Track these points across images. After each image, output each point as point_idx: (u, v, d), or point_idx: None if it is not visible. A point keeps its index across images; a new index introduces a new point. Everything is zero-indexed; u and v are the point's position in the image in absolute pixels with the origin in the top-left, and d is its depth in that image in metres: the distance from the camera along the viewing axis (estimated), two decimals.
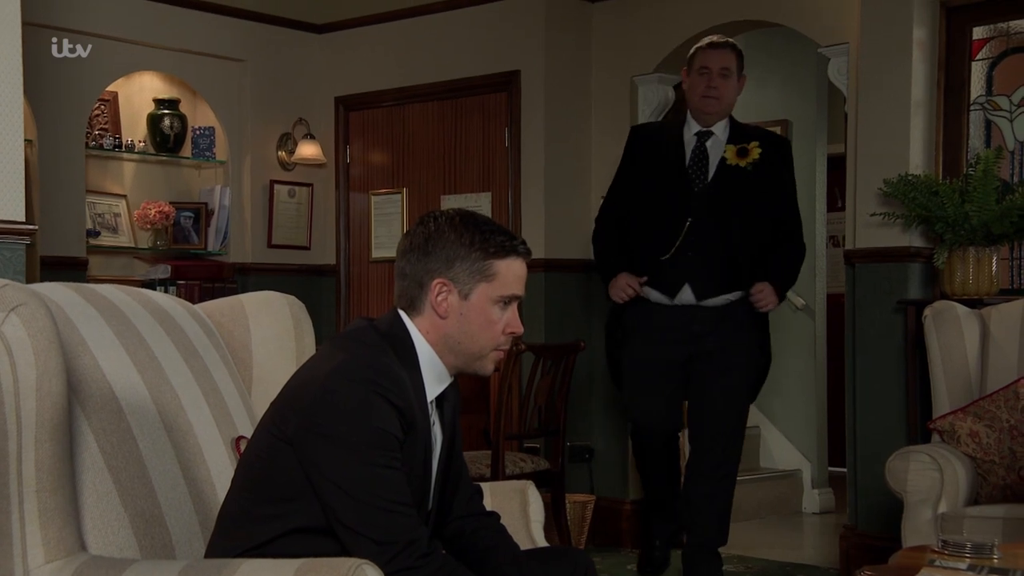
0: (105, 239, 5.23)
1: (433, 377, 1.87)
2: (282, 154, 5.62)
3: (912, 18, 4.12)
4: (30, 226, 2.73)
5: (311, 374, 1.80)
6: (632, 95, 5.00)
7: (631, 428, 4.11)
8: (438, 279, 1.83)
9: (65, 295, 1.95)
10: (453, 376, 1.91)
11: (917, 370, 4.00)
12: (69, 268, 4.77)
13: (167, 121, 5.41)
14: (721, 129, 3.88)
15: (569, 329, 4.92)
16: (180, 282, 5.27)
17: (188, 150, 5.52)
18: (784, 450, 5.91)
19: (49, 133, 4.79)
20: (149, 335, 2.02)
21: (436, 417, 1.91)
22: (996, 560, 2.28)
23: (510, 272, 1.84)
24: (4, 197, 2.65)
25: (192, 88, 5.48)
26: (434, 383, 1.87)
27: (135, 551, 1.81)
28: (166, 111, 5.41)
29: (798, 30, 4.68)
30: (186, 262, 5.41)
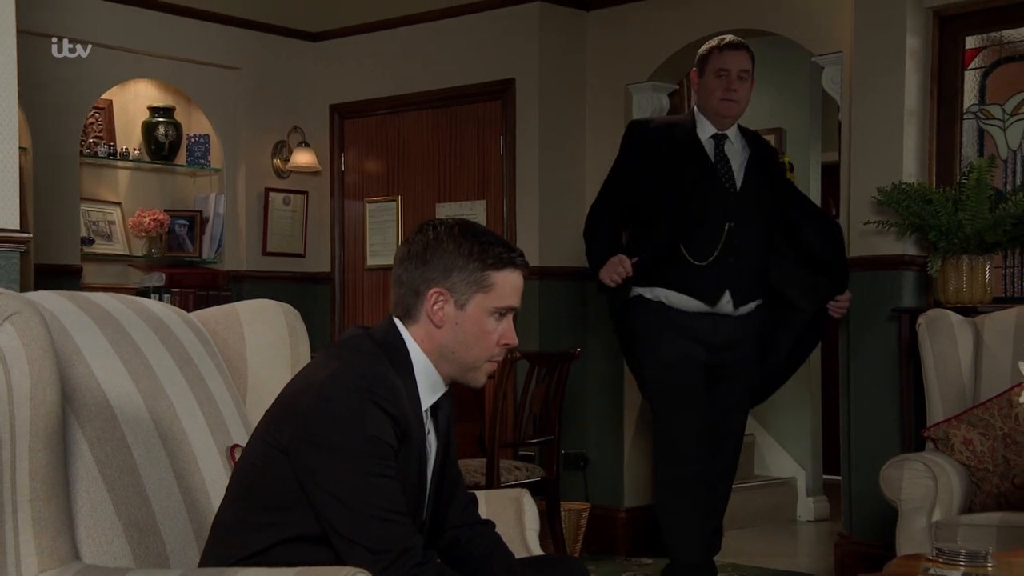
0: (99, 247, 5.23)
1: (428, 386, 1.87)
2: (277, 162, 5.62)
3: (905, 27, 4.13)
4: (24, 234, 2.73)
5: (306, 382, 1.80)
6: (626, 103, 5.01)
7: (665, 462, 3.67)
8: (435, 288, 1.83)
9: (59, 303, 1.95)
10: (448, 385, 1.91)
11: (911, 378, 4.00)
12: (63, 276, 4.76)
13: (162, 129, 5.41)
14: (734, 133, 3.75)
15: (564, 337, 4.92)
16: (175, 290, 5.26)
17: (183, 158, 5.52)
18: (779, 458, 5.92)
19: (44, 141, 4.79)
20: (144, 343, 2.02)
21: (431, 426, 1.91)
22: (990, 568, 2.28)
23: (507, 284, 1.84)
24: None
25: (187, 96, 5.48)
26: (429, 392, 1.87)
27: (129, 560, 1.81)
28: (161, 119, 5.41)
29: (792, 39, 4.70)
30: (181, 270, 5.41)
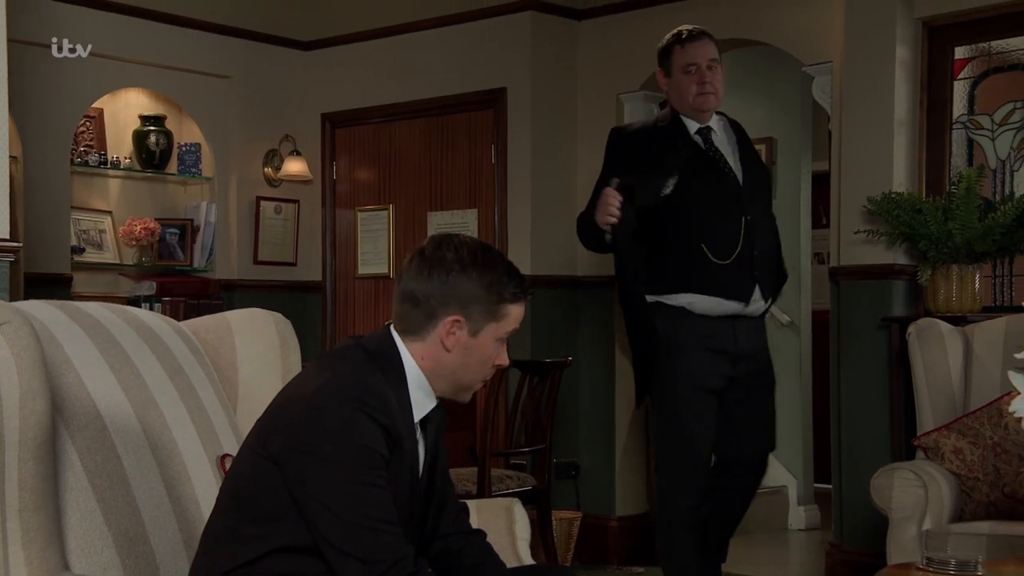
0: (90, 255, 5.22)
1: (421, 397, 1.87)
2: (268, 170, 5.62)
3: (895, 37, 4.15)
4: (14, 243, 2.73)
5: (296, 393, 1.80)
6: (618, 112, 5.02)
7: (673, 492, 3.44)
8: (453, 316, 1.84)
9: (49, 313, 1.94)
10: (439, 398, 1.92)
11: (901, 387, 4.01)
12: (54, 285, 4.75)
13: (153, 137, 5.41)
14: (716, 122, 3.58)
15: (555, 346, 4.92)
16: (165, 299, 5.25)
17: (174, 166, 5.51)
18: (770, 466, 5.91)
19: (34, 150, 4.77)
20: (134, 353, 2.02)
21: (420, 435, 1.91)
22: None
23: (516, 313, 1.90)
24: None
25: (178, 104, 5.47)
26: (421, 403, 1.88)
27: (119, 570, 1.80)
28: (152, 127, 5.41)
29: (782, 49, 4.71)
30: (171, 279, 5.40)
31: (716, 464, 3.54)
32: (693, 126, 3.52)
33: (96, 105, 5.23)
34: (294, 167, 5.60)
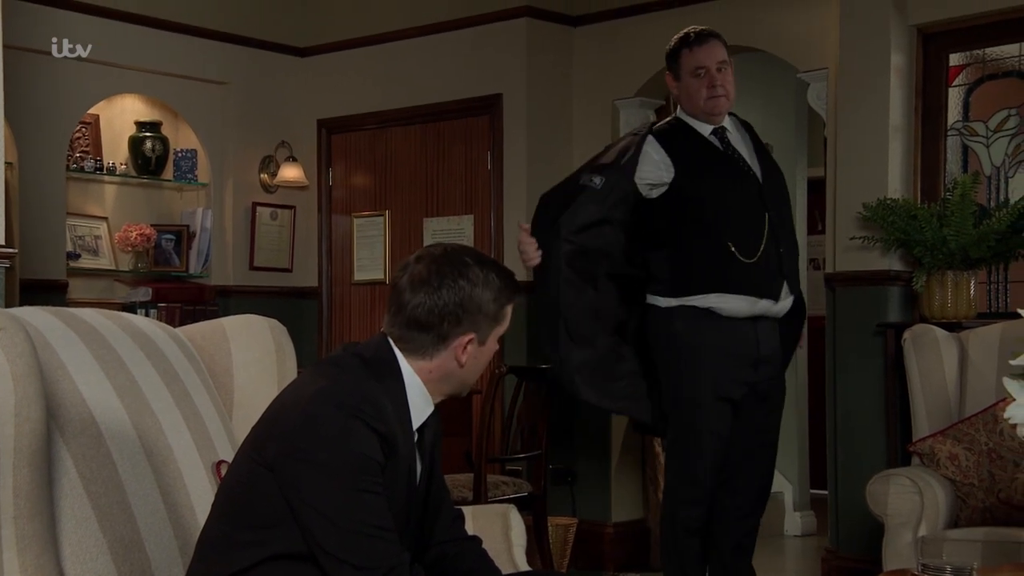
0: (86, 261, 5.21)
1: (418, 404, 1.87)
2: (264, 176, 5.62)
3: (890, 44, 4.16)
4: (10, 249, 2.73)
5: (292, 400, 1.80)
6: (614, 118, 5.03)
7: (678, 501, 3.38)
8: (467, 336, 1.85)
9: (45, 319, 1.94)
10: (436, 403, 1.92)
11: (897, 393, 4.02)
12: (49, 291, 4.74)
13: (149, 144, 5.41)
14: (728, 122, 3.48)
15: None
16: (161, 305, 5.25)
17: (170, 173, 5.51)
18: None
19: (30, 156, 4.77)
20: (129, 359, 2.01)
21: (416, 443, 1.91)
22: None
23: (511, 309, 1.91)
24: None
25: (174, 111, 5.47)
26: (419, 410, 1.88)
27: None
28: (148, 134, 5.41)
29: (778, 55, 4.72)
30: (167, 285, 5.39)
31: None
32: (706, 128, 3.45)
33: (92, 111, 5.23)
34: (290, 173, 5.60)
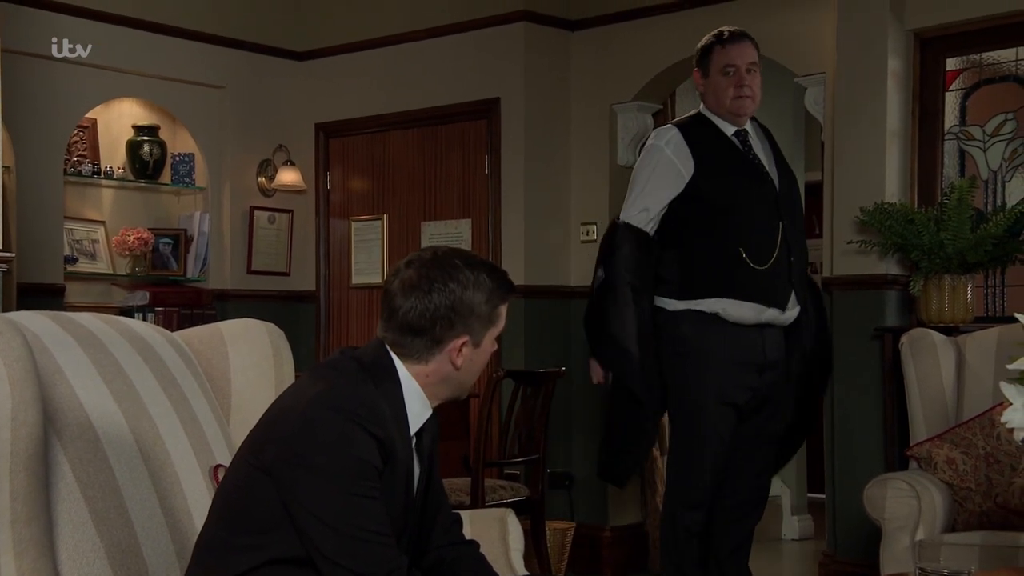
0: (83, 265, 5.21)
1: (416, 409, 1.87)
2: (262, 180, 5.62)
3: (887, 49, 4.17)
4: (7, 253, 2.73)
5: (290, 404, 1.80)
6: (611, 123, 5.03)
7: (679, 504, 3.37)
8: (461, 339, 1.85)
9: (42, 323, 1.94)
10: (435, 406, 1.92)
11: (894, 397, 4.02)
12: (46, 295, 4.74)
13: (146, 147, 5.40)
14: (750, 126, 3.47)
15: (549, 355, 4.92)
16: (158, 309, 5.25)
17: (167, 176, 5.51)
18: None
19: (27, 159, 4.77)
20: (127, 363, 2.01)
21: (415, 446, 1.91)
22: None
23: (505, 310, 1.91)
24: None
25: (172, 115, 5.47)
26: (417, 414, 1.88)
27: None
28: (145, 137, 5.41)
29: (775, 60, 4.73)
30: (165, 289, 5.39)
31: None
32: (729, 128, 3.41)
33: (89, 115, 5.23)
34: (288, 177, 5.60)
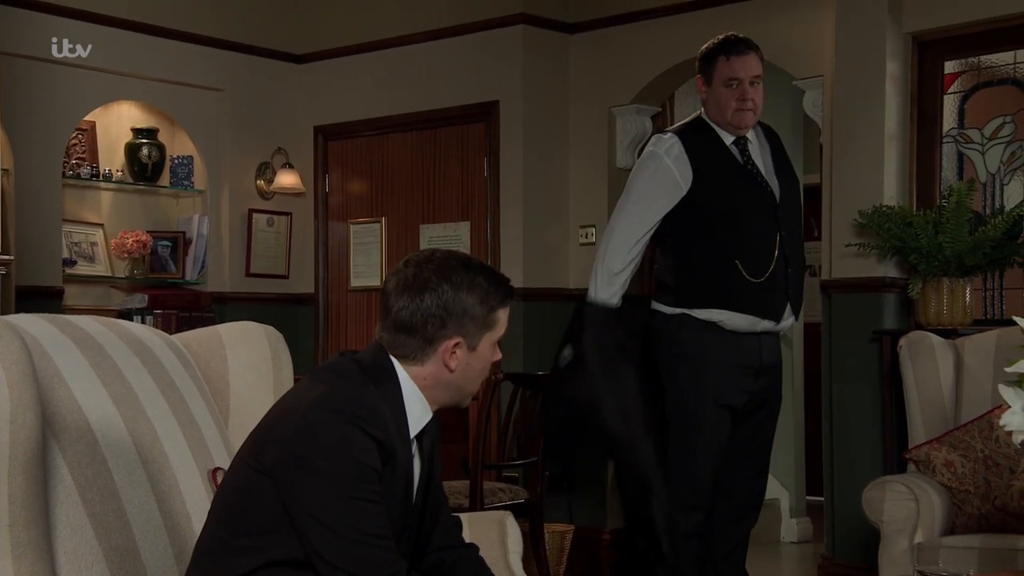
0: (82, 268, 5.21)
1: (417, 412, 1.87)
2: (261, 183, 5.62)
3: (885, 52, 4.18)
4: (6, 256, 2.72)
5: (291, 406, 1.80)
6: (610, 126, 5.04)
7: (676, 508, 3.37)
8: (453, 339, 1.84)
9: (40, 326, 1.94)
10: (435, 410, 1.92)
11: (893, 400, 4.02)
12: (45, 298, 4.74)
13: (145, 150, 5.40)
14: (753, 133, 3.45)
15: (548, 358, 4.90)
16: (157, 311, 5.24)
17: (166, 179, 5.51)
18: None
19: (26, 162, 4.77)
20: (125, 366, 2.01)
21: (415, 449, 1.91)
22: None
23: (506, 316, 1.91)
24: None
25: (170, 117, 5.47)
26: (417, 417, 1.88)
27: None
28: (144, 140, 5.41)
29: (773, 63, 4.72)
30: (163, 291, 5.39)
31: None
32: (728, 137, 3.39)
33: (88, 118, 5.23)
34: (286, 180, 5.60)
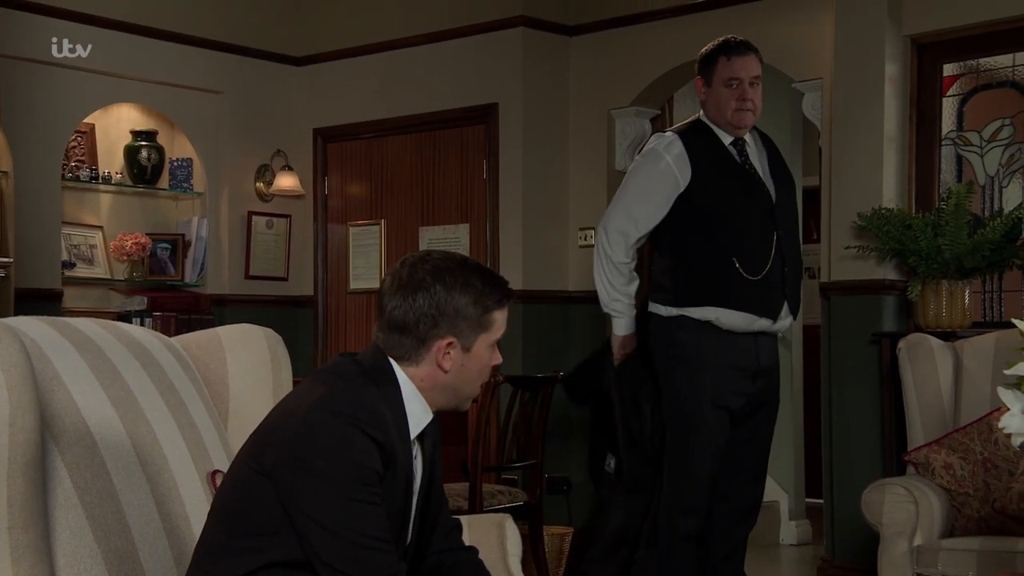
0: (81, 270, 5.21)
1: (417, 414, 1.87)
2: (260, 185, 5.62)
3: (884, 55, 4.18)
4: (5, 258, 2.72)
5: (291, 408, 1.80)
6: (609, 128, 5.04)
7: (675, 510, 3.38)
8: (446, 339, 1.83)
9: (39, 329, 1.94)
10: (435, 412, 1.92)
11: (892, 402, 4.02)
12: (44, 300, 4.74)
13: (144, 153, 5.40)
14: (749, 136, 3.49)
15: (547, 360, 4.92)
16: (156, 314, 5.24)
17: (165, 182, 5.51)
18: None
19: (25, 165, 4.77)
20: (124, 369, 2.01)
21: (417, 451, 1.91)
22: None
23: (503, 317, 1.89)
24: None
25: (170, 120, 5.48)
26: (417, 419, 1.87)
27: None
28: (143, 143, 5.41)
29: (773, 65, 4.73)
30: (162, 294, 5.39)
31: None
32: (727, 138, 3.42)
33: (87, 120, 5.23)
34: (286, 182, 5.60)
